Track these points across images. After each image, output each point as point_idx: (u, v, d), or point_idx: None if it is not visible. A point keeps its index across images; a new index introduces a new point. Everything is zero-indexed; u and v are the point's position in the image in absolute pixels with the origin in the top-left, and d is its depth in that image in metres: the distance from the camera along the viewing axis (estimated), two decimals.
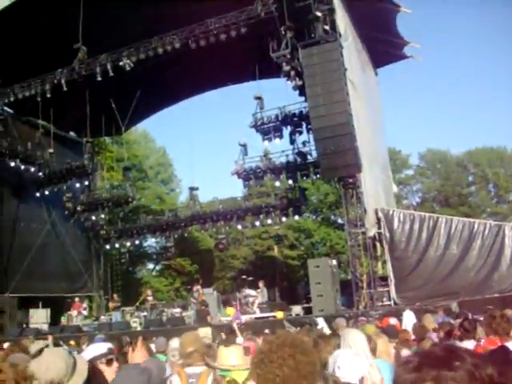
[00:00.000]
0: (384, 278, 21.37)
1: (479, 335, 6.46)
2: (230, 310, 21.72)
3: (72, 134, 31.96)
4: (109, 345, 4.18)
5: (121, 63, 23.02)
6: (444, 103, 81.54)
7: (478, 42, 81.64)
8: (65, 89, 23.82)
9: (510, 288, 18.92)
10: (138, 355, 3.34)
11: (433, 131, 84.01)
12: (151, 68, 24.59)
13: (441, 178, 53.13)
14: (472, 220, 22.11)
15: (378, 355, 5.30)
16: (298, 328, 11.79)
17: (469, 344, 5.93)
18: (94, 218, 29.43)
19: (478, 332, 6.48)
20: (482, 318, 7.68)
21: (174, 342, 6.50)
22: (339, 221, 44.40)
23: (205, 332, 10.55)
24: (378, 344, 5.47)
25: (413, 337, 7.91)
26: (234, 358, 3.43)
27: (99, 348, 4.03)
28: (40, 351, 2.96)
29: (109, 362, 3.94)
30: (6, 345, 11.03)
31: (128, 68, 23.00)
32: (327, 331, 10.86)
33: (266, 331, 12.07)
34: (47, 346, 3.20)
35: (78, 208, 29.24)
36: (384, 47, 26.09)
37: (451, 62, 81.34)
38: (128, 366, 4.28)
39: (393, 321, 9.90)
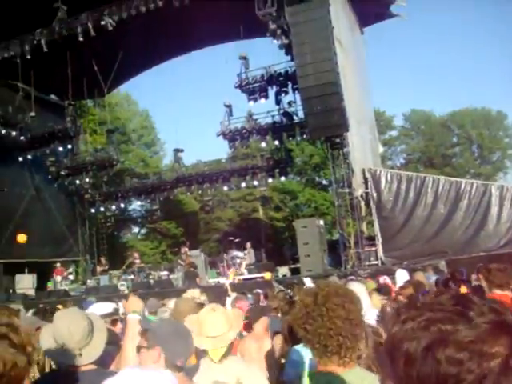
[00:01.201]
0: (371, 238, 21.45)
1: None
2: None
3: (53, 96, 31.33)
4: (113, 305, 4.07)
5: (102, 22, 22.38)
6: (428, 64, 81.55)
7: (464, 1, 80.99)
8: (45, 50, 23.17)
9: (497, 246, 19.10)
10: (131, 303, 3.22)
11: (417, 92, 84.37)
12: (134, 28, 24.00)
13: (425, 139, 53.23)
14: (459, 180, 22.19)
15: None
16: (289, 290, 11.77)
17: None
18: (78, 181, 29.07)
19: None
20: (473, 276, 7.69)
21: (170, 304, 6.37)
22: (324, 182, 44.54)
23: (193, 293, 10.47)
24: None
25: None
26: (219, 326, 3.32)
27: (104, 307, 3.90)
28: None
29: (114, 322, 3.83)
30: None
31: (110, 27, 22.38)
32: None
33: (256, 291, 12.03)
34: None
35: (62, 172, 28.91)
36: (370, 6, 25.64)
37: (437, 22, 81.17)
38: None
39: (386, 279, 9.90)
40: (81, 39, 22.87)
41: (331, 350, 2.22)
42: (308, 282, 14.18)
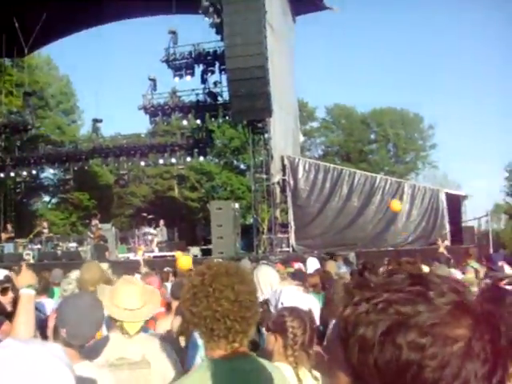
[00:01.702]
0: (284, 225, 21.66)
1: None
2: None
3: None
4: (5, 272, 3.81)
5: None
6: (356, 60, 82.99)
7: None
8: None
9: (404, 243, 19.75)
10: (23, 278, 3.02)
11: (342, 87, 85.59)
12: None
13: (344, 134, 54.27)
14: (374, 175, 22.73)
15: None
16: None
17: None
18: None
19: None
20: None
21: (73, 274, 6.11)
22: (242, 166, 44.58)
23: (102, 267, 10.17)
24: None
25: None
26: (133, 299, 3.18)
27: None
28: None
29: (4, 291, 3.58)
30: None
31: None
32: None
33: (166, 269, 11.84)
34: None
35: None
36: None
37: (367, 17, 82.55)
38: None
39: (298, 265, 9.95)
40: None
41: (218, 333, 2.08)
42: None
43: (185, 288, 2.23)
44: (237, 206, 22.28)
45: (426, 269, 9.88)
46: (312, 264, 10.48)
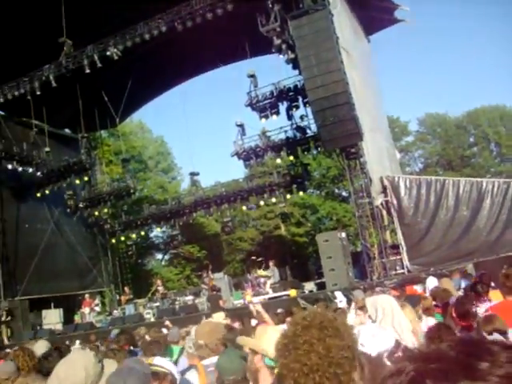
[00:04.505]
0: (395, 246, 21.10)
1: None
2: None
3: (67, 130, 31.64)
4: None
5: (108, 53, 22.52)
6: (438, 66, 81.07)
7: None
8: (54, 84, 23.31)
9: None
10: None
11: (429, 95, 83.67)
12: (140, 56, 24.21)
13: (442, 142, 52.75)
14: (479, 179, 21.78)
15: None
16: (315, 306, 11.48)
17: (481, 308, 5.57)
18: (96, 212, 29.14)
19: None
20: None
21: (193, 331, 6.15)
22: (343, 194, 44.26)
23: (218, 317, 10.27)
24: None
25: (434, 303, 7.55)
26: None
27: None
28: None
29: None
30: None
31: (116, 57, 22.51)
32: (344, 306, 10.58)
33: (279, 310, 11.74)
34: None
35: (80, 204, 28.96)
36: (374, 13, 25.48)
37: (442, 23, 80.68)
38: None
39: (418, 288, 9.55)
40: (88, 71, 22.99)
41: None
42: (339, 296, 13.91)
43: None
44: (344, 234, 21.94)
45: None
46: (432, 283, 10.06)
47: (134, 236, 30.10)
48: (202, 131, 76.92)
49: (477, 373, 0.67)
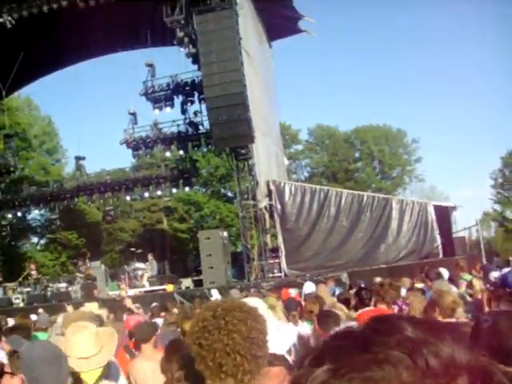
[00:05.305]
0: (275, 250, 21.48)
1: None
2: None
3: None
4: None
5: (0, 20, 21.30)
6: (334, 80, 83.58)
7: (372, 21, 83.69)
8: None
9: (396, 259, 19.62)
10: None
11: (322, 107, 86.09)
12: (36, 29, 23.05)
13: (329, 154, 54.38)
14: (361, 193, 22.71)
15: None
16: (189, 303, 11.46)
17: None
18: None
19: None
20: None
21: (59, 319, 5.97)
22: (229, 194, 44.57)
23: (91, 306, 9.97)
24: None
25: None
26: (86, 346, 2.97)
27: None
28: None
29: None
30: None
31: (9, 25, 21.30)
32: None
33: (154, 304, 11.64)
34: None
35: None
36: (279, 20, 25.83)
37: (345, 38, 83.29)
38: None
39: (293, 292, 9.74)
40: None
41: (226, 370, 1.93)
42: (215, 294, 13.95)
43: (193, 322, 2.14)
44: (225, 234, 22.09)
45: (420, 285, 9.76)
46: (309, 288, 10.29)
47: (9, 216, 28.60)
48: (92, 115, 74.52)
49: (372, 347, 0.63)
